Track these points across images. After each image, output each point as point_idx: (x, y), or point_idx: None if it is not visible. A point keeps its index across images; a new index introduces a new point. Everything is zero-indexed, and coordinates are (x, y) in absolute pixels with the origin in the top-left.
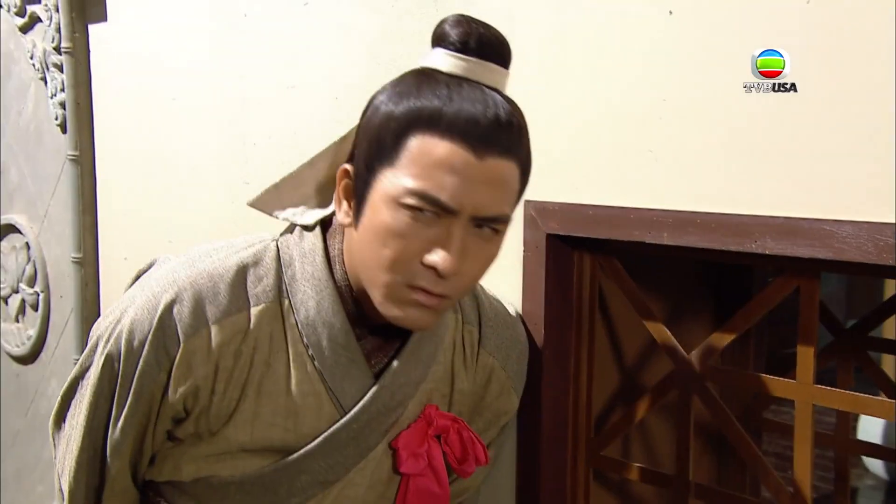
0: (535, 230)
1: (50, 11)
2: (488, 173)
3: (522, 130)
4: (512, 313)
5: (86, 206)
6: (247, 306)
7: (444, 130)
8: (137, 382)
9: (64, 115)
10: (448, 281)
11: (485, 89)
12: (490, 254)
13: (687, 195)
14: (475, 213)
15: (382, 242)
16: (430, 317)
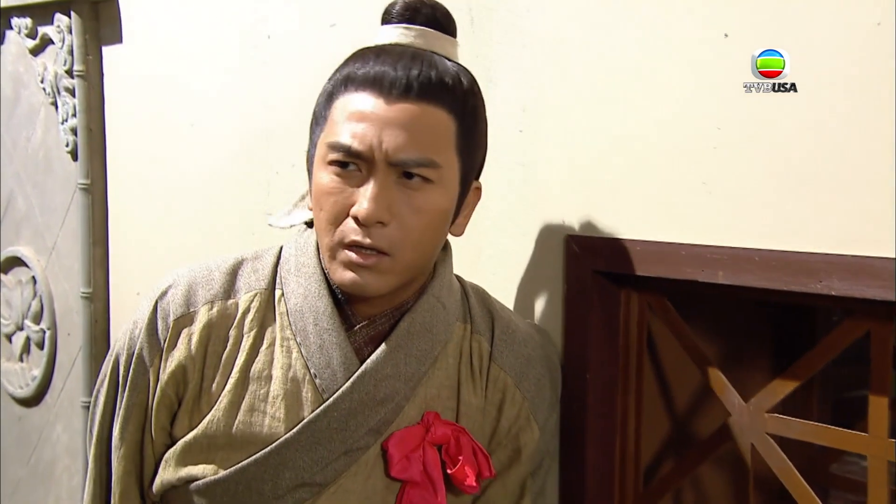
0: (579, 267)
1: (62, 33)
2: (401, 115)
3: (455, 85)
4: (536, 333)
5: (96, 238)
6: (238, 293)
7: (358, 85)
8: (133, 371)
9: (75, 141)
10: (376, 231)
11: (415, 51)
12: (424, 204)
13: (744, 231)
14: (390, 156)
15: (319, 205)
16: (372, 278)
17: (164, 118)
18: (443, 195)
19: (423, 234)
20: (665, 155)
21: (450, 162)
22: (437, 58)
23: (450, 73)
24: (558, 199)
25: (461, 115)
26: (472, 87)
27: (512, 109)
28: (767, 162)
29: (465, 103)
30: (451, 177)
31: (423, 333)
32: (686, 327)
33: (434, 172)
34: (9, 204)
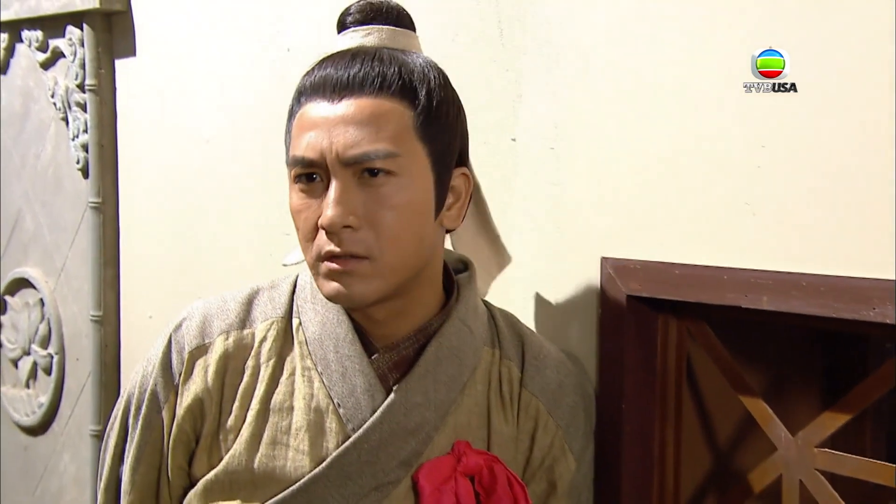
0: (614, 291)
1: (74, 46)
2: (346, 113)
3: (403, 72)
4: (569, 360)
5: (107, 259)
6: (254, 322)
7: (307, 95)
8: (147, 409)
9: (86, 158)
10: (347, 237)
11: (358, 50)
12: (393, 199)
13: (790, 254)
14: (341, 156)
15: (296, 226)
16: (357, 284)
17: (178, 134)
18: (411, 186)
19: (400, 231)
20: (706, 173)
21: (411, 150)
22: (385, 51)
23: (396, 61)
24: (592, 219)
25: (414, 100)
26: (428, 72)
27: (542, 126)
28: (814, 181)
29: (418, 89)
30: (418, 165)
31: (450, 358)
32: (728, 355)
33: (395, 163)
34: (16, 223)
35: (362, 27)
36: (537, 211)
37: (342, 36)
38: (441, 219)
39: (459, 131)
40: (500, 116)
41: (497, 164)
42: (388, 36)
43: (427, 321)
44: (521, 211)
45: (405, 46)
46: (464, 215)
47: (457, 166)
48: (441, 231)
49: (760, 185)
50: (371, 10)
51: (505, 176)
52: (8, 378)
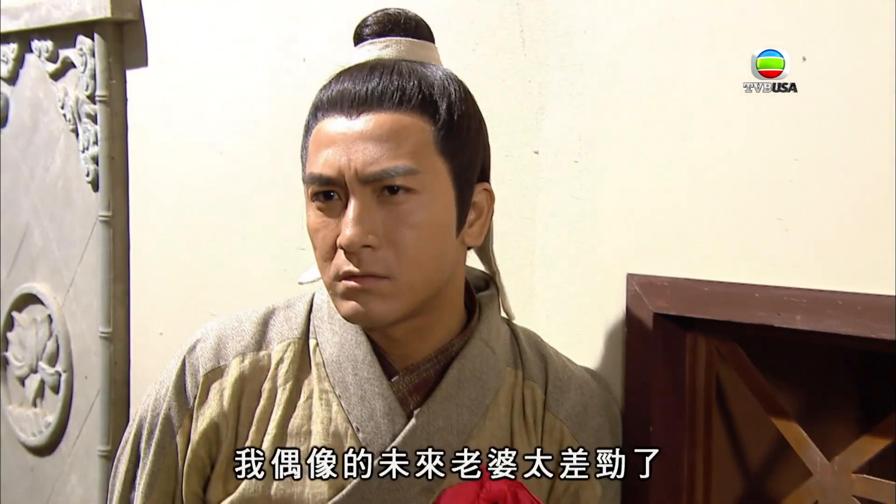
0: (641, 309)
1: (85, 56)
2: (365, 129)
3: (423, 86)
4: (593, 380)
5: (117, 274)
6: (271, 343)
7: (324, 111)
8: (160, 434)
9: (96, 170)
10: (367, 256)
11: (376, 62)
12: (413, 217)
13: (825, 271)
14: (360, 173)
15: (313, 245)
16: (375, 303)
17: (191, 146)
18: (433, 203)
19: (421, 250)
20: (736, 187)
21: (432, 166)
22: (404, 64)
23: (416, 74)
24: (617, 234)
25: (435, 115)
26: (448, 85)
27: (566, 138)
28: (850, 195)
29: (438, 102)
30: (439, 181)
31: (473, 381)
32: (760, 376)
33: (415, 180)
34: (24, 237)
35: (380, 39)
36: (561, 226)
37: (359, 48)
38: (462, 236)
39: (481, 146)
40: (522, 129)
41: (519, 177)
42: (407, 48)
43: (448, 342)
44: (545, 226)
45: (424, 58)
46: (486, 232)
47: (478, 181)
48: (462, 249)
49: (793, 198)
50: (389, 21)
51: (528, 190)
52: (14, 396)
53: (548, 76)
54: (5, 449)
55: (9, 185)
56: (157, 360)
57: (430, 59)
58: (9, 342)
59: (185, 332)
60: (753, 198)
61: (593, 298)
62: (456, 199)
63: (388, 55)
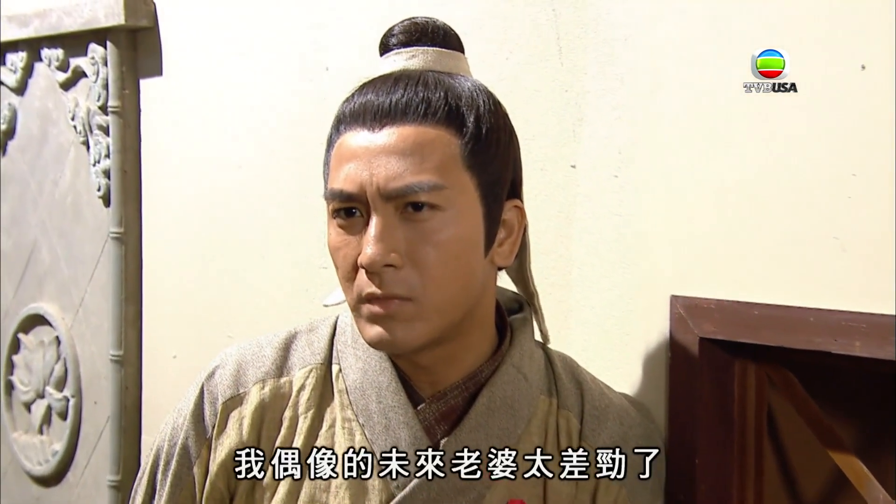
0: (686, 333)
1: (97, 65)
2: (388, 142)
3: (449, 97)
4: (633, 408)
5: (129, 294)
6: (292, 369)
7: (347, 124)
8: (177, 465)
9: (108, 185)
10: (389, 277)
11: (401, 73)
12: (438, 235)
13: (886, 294)
14: (383, 189)
15: (335, 265)
16: (400, 329)
17: (207, 160)
18: (459, 221)
19: (446, 270)
20: (788, 204)
21: (459, 181)
22: (430, 74)
23: (442, 85)
24: (660, 253)
25: (462, 128)
26: (477, 96)
27: (605, 151)
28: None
29: (465, 115)
30: (466, 198)
31: (503, 409)
32: (815, 406)
33: (441, 196)
34: (31, 255)
35: (406, 49)
36: (600, 244)
37: (385, 59)
38: (492, 256)
39: (511, 160)
40: (558, 142)
41: (555, 193)
42: (434, 58)
43: (477, 367)
44: (582, 245)
45: (452, 69)
46: (516, 251)
47: (509, 198)
48: (492, 269)
49: (851, 216)
50: (416, 30)
51: (564, 206)
52: (20, 423)
53: (585, 86)
54: (10, 479)
55: (16, 200)
56: (171, 385)
57: (459, 70)
58: (14, 365)
59: (199, 355)
60: (808, 215)
61: (634, 321)
62: (484, 217)
63: (415, 66)
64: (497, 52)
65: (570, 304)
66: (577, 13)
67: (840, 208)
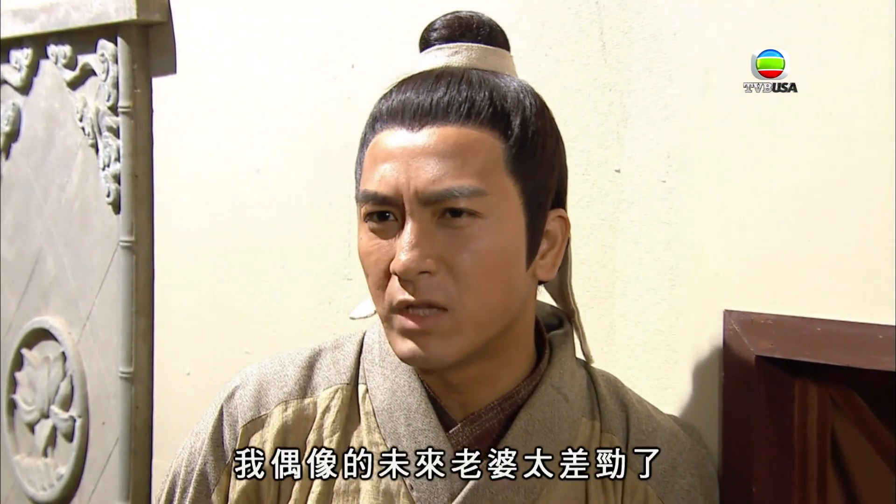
0: (741, 351)
1: (107, 62)
2: (428, 143)
3: (493, 97)
4: (683, 432)
5: (140, 307)
6: (316, 389)
7: (383, 122)
8: (195, 492)
9: (118, 190)
10: (423, 283)
11: (442, 71)
12: (477, 243)
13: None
14: (420, 193)
15: (365, 271)
16: (435, 344)
17: (224, 163)
18: (500, 229)
19: (484, 280)
20: (854, 211)
21: (501, 188)
22: (474, 72)
23: (487, 85)
24: (713, 265)
25: (506, 130)
26: (523, 97)
27: (652, 155)
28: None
29: (511, 116)
30: (508, 205)
31: (542, 433)
32: (884, 430)
33: (482, 203)
34: (36, 265)
35: (448, 45)
36: (647, 255)
37: (425, 55)
38: (533, 268)
39: (558, 167)
40: (601, 144)
41: (598, 200)
42: (479, 55)
43: (514, 387)
44: (628, 256)
45: (497, 68)
46: (559, 265)
47: (553, 207)
48: (533, 283)
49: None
50: (459, 25)
51: (608, 214)
52: (23, 445)
53: (631, 85)
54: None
55: (20, 207)
56: (184, 404)
57: (505, 69)
58: (17, 383)
59: (215, 372)
60: (875, 224)
61: (684, 338)
62: (526, 226)
63: (458, 63)
64: (535, 48)
65: (613, 320)
66: (622, 5)
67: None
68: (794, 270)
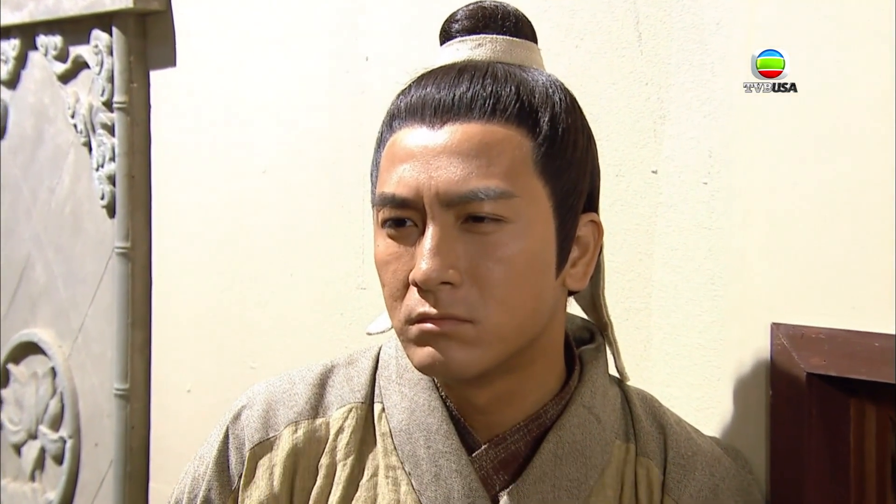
0: (790, 367)
1: (101, 54)
2: (450, 142)
3: (521, 92)
4: (728, 457)
5: (137, 319)
6: (329, 409)
7: (402, 120)
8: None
9: (112, 192)
10: (445, 295)
11: (465, 64)
12: (503, 250)
13: None
14: (442, 195)
15: (382, 281)
16: (456, 350)
17: (228, 163)
18: (528, 235)
19: (511, 289)
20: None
21: (530, 189)
22: (499, 66)
23: (513, 79)
24: (759, 273)
25: (535, 128)
26: (553, 93)
27: (693, 154)
28: None
29: (539, 113)
30: (537, 209)
31: (573, 456)
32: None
33: (509, 206)
34: (24, 273)
35: (472, 37)
36: (686, 264)
37: (446, 48)
38: (563, 277)
39: (590, 167)
40: (637, 142)
41: (633, 202)
42: (504, 48)
43: (542, 407)
44: (665, 263)
45: (524, 61)
46: (591, 273)
47: (584, 211)
48: (563, 293)
49: None
50: (483, 16)
51: (644, 218)
52: (9, 468)
53: (670, 78)
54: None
55: (7, 210)
56: (184, 424)
57: (532, 63)
58: (3, 401)
59: (218, 389)
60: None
61: (727, 354)
62: (556, 232)
63: (481, 56)
64: (565, 40)
65: (650, 333)
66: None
67: None
68: (848, 279)
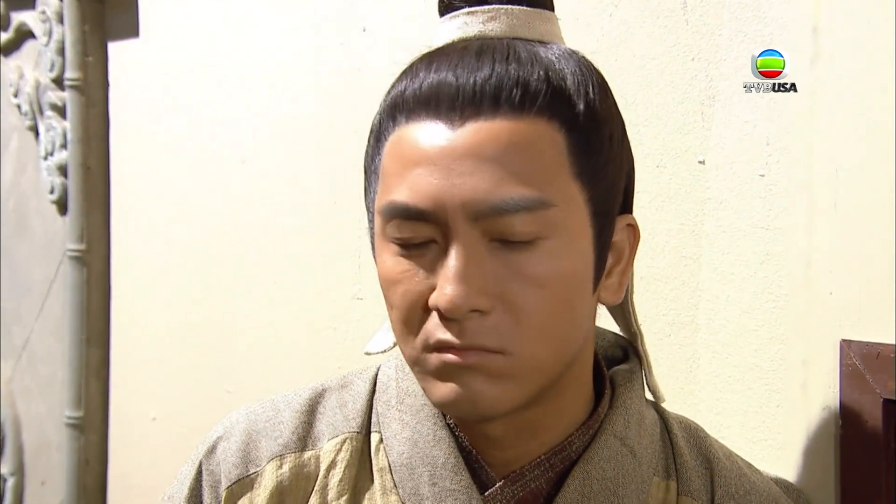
0: (863, 391)
1: (49, 22)
2: (474, 140)
3: (552, 77)
4: (788, 498)
5: (92, 334)
6: (319, 440)
7: (409, 111)
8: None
9: (64, 185)
10: (473, 324)
11: (483, 42)
12: (540, 270)
13: None
14: (469, 207)
15: (389, 302)
16: (484, 385)
17: (200, 152)
18: (567, 249)
19: (550, 316)
20: None
21: (567, 196)
22: (520, 43)
23: (540, 62)
24: (826, 283)
25: (570, 121)
26: (585, 75)
27: (747, 142)
28: None
29: (573, 101)
30: (575, 217)
31: (604, 496)
32: None
33: (545, 218)
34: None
35: (482, 8)
36: (740, 270)
37: (452, 20)
38: (598, 290)
39: (626, 162)
40: (681, 128)
41: (676, 198)
42: (522, 21)
43: (566, 438)
44: (714, 270)
45: (544, 36)
46: (626, 283)
47: (620, 213)
48: (596, 308)
49: None
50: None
51: (689, 216)
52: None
53: (720, 53)
54: None
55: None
56: (148, 458)
57: (553, 37)
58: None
59: (189, 417)
60: None
61: (789, 376)
62: (594, 241)
63: (496, 32)
64: (596, 7)
65: (696, 350)
66: None
67: None
68: None
